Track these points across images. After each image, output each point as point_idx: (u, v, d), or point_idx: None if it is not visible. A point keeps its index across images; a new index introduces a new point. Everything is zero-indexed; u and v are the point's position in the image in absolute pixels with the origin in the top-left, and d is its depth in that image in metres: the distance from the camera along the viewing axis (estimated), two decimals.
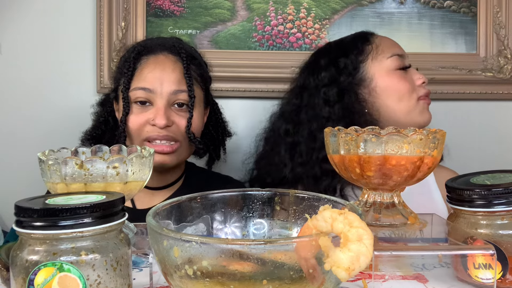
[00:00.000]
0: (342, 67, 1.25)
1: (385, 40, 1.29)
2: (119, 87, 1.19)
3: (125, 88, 1.14)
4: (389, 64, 1.23)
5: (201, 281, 0.47)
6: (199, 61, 1.23)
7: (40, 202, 0.53)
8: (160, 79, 1.13)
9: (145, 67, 1.16)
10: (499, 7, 1.58)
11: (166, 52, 1.18)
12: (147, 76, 1.14)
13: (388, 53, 1.24)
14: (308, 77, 1.29)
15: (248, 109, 1.58)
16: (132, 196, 0.71)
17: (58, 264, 0.48)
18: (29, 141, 1.56)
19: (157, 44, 1.21)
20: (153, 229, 0.50)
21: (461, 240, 0.66)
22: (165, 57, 1.17)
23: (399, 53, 1.25)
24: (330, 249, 0.46)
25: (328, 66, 1.27)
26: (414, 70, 1.26)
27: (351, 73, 1.24)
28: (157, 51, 1.19)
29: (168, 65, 1.15)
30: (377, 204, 0.76)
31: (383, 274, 0.69)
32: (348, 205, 0.57)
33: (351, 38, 1.32)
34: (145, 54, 1.18)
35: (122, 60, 1.23)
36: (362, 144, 0.71)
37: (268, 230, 0.66)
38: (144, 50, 1.18)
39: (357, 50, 1.26)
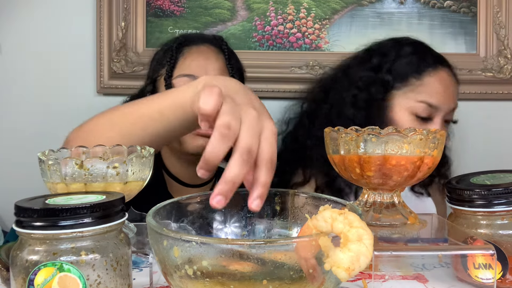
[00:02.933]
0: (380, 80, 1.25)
1: (434, 85, 1.22)
2: (158, 79, 1.20)
3: (167, 76, 1.14)
4: (413, 106, 1.20)
5: (201, 281, 0.47)
6: (237, 57, 1.26)
7: (40, 202, 0.53)
8: (204, 67, 1.14)
9: (188, 56, 1.17)
10: (499, 7, 1.58)
11: (208, 44, 1.20)
12: (191, 64, 1.15)
13: (422, 97, 1.20)
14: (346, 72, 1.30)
15: None
16: (132, 196, 0.71)
17: (58, 264, 0.48)
18: (29, 141, 1.56)
19: (198, 36, 1.25)
20: (153, 229, 0.50)
21: (461, 240, 0.66)
22: (207, 47, 1.19)
23: (433, 103, 1.20)
24: (330, 249, 0.46)
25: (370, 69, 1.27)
26: (438, 123, 1.20)
27: (382, 90, 1.24)
28: (199, 42, 1.21)
29: (211, 54, 1.17)
30: (377, 204, 0.76)
31: (383, 274, 0.69)
32: (348, 205, 0.57)
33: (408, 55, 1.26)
34: (187, 44, 1.20)
35: (161, 53, 1.24)
36: (362, 144, 0.71)
37: (268, 230, 0.66)
38: (186, 41, 1.21)
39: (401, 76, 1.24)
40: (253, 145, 0.56)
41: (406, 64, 1.25)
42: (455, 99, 1.24)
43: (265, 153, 0.56)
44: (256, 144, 0.56)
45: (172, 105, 0.75)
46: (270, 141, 0.58)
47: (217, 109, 0.57)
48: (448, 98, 1.22)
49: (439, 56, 1.28)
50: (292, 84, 1.58)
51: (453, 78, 1.25)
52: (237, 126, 0.56)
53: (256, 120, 0.58)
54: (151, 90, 1.22)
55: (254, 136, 0.56)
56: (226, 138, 0.55)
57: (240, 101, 0.60)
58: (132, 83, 1.53)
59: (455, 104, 1.24)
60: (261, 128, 0.58)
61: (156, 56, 1.26)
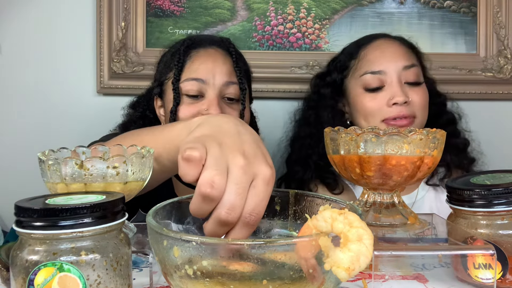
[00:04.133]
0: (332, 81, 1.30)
1: (370, 54, 1.24)
2: (165, 81, 1.20)
3: (175, 80, 1.14)
4: (361, 83, 1.23)
5: (201, 281, 0.47)
6: (244, 59, 1.25)
7: (40, 202, 0.53)
8: (212, 70, 1.14)
9: (195, 59, 1.17)
10: (499, 7, 1.59)
11: (215, 46, 1.20)
12: (199, 67, 1.15)
13: (363, 69, 1.23)
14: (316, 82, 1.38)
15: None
16: (132, 196, 0.71)
17: (58, 264, 0.48)
18: (29, 141, 1.56)
19: (206, 38, 1.24)
20: (153, 229, 0.50)
21: (461, 240, 0.66)
22: (214, 50, 1.19)
23: (374, 69, 1.20)
24: (330, 249, 0.46)
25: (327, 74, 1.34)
26: (397, 88, 1.18)
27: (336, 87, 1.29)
28: (206, 45, 1.20)
29: (219, 57, 1.17)
30: (377, 204, 0.76)
31: (383, 274, 0.69)
32: (348, 205, 0.57)
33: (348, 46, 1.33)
34: (194, 47, 1.19)
35: (169, 55, 1.23)
36: (362, 144, 0.71)
37: (268, 230, 0.66)
38: (193, 43, 1.20)
39: (342, 65, 1.29)
40: (237, 205, 0.52)
41: (346, 53, 1.31)
42: (403, 57, 1.21)
43: (246, 207, 0.52)
44: (241, 202, 0.52)
45: (168, 147, 0.74)
46: (258, 190, 0.53)
47: (196, 177, 0.53)
48: (390, 58, 1.21)
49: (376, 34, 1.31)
50: (292, 84, 1.58)
51: (392, 41, 1.25)
52: (222, 182, 0.52)
53: (243, 171, 0.53)
54: (158, 93, 1.22)
55: (238, 193, 0.52)
56: (209, 199, 0.52)
57: (230, 146, 0.55)
58: (132, 83, 1.53)
59: (405, 61, 1.21)
60: (252, 177, 0.53)
61: (164, 58, 1.26)
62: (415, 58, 1.25)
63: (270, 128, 1.60)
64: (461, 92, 1.60)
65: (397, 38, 1.27)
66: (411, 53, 1.25)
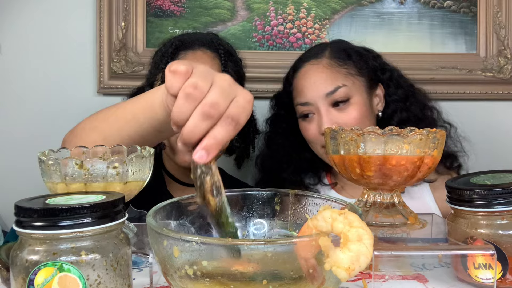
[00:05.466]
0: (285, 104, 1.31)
1: (297, 84, 1.23)
2: (155, 83, 1.19)
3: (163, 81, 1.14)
4: (297, 112, 1.23)
5: (201, 281, 0.47)
6: (235, 58, 1.25)
7: (40, 202, 0.53)
8: None
9: None
10: (499, 7, 1.58)
11: (204, 48, 1.19)
12: None
13: (296, 100, 1.23)
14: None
15: None
16: (132, 196, 0.71)
17: (58, 264, 0.48)
18: (29, 141, 1.56)
19: (195, 39, 1.22)
20: (153, 229, 0.50)
21: (461, 240, 0.66)
22: (203, 53, 1.18)
23: (302, 101, 1.20)
24: (330, 249, 0.46)
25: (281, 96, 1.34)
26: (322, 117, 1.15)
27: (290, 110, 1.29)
28: (195, 47, 1.19)
29: (206, 61, 1.16)
30: (377, 204, 0.76)
31: (383, 274, 0.69)
32: (348, 205, 0.57)
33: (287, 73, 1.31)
34: (183, 49, 1.18)
35: (159, 55, 1.23)
36: (362, 144, 0.71)
37: (268, 230, 0.66)
38: (182, 45, 1.19)
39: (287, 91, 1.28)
40: (220, 102, 0.53)
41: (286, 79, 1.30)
42: (325, 83, 1.17)
43: (229, 111, 0.54)
44: (225, 103, 0.54)
45: (143, 106, 0.75)
46: (241, 104, 0.55)
47: (181, 84, 0.55)
48: (312, 88, 1.18)
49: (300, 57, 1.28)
50: None
51: (316, 66, 1.20)
52: (206, 86, 0.54)
53: (228, 84, 0.56)
54: None
55: (222, 95, 0.54)
56: (191, 98, 0.53)
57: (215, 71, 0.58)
58: (132, 83, 1.53)
59: (328, 87, 1.16)
60: (234, 94, 0.55)
61: (154, 58, 1.26)
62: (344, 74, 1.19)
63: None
64: (461, 92, 1.60)
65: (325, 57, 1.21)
66: (338, 72, 1.19)
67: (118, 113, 0.80)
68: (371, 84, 1.23)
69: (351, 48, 1.26)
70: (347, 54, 1.22)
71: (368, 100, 1.21)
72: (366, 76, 1.22)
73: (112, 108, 0.83)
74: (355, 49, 1.26)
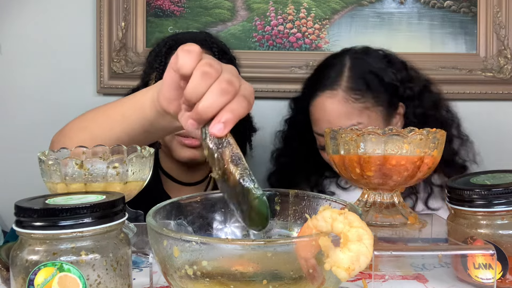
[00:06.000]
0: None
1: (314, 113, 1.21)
2: (149, 82, 1.20)
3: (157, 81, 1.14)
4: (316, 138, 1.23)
5: (201, 281, 0.47)
6: (230, 56, 1.25)
7: (40, 202, 0.53)
8: None
9: None
10: (499, 7, 1.59)
11: None
12: None
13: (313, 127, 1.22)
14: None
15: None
16: (132, 196, 0.71)
17: (58, 264, 0.48)
18: (29, 141, 1.56)
19: (188, 38, 1.22)
20: (153, 229, 0.50)
21: (461, 240, 0.66)
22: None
23: (318, 131, 1.19)
24: (330, 249, 0.46)
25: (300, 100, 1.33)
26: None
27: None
28: None
29: None
30: (377, 204, 0.76)
31: (383, 274, 0.69)
32: (348, 205, 0.57)
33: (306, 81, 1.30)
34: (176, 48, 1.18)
35: (153, 55, 1.23)
36: (362, 144, 0.71)
37: (268, 230, 0.66)
38: (176, 44, 1.19)
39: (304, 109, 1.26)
40: (235, 81, 0.56)
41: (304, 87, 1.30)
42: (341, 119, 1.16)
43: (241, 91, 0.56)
44: (237, 81, 0.56)
45: (133, 106, 0.76)
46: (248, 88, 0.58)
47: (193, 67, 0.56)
48: (328, 122, 1.16)
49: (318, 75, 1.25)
50: (292, 84, 1.58)
51: (333, 97, 1.17)
52: (219, 68, 0.56)
53: (235, 71, 0.59)
54: None
55: (234, 77, 0.56)
56: (208, 75, 0.54)
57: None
58: (132, 83, 1.53)
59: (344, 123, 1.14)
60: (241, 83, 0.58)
61: (148, 58, 1.26)
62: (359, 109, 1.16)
63: (270, 128, 1.60)
64: (461, 92, 1.60)
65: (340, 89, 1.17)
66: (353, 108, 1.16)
67: (107, 113, 0.80)
68: (390, 109, 1.20)
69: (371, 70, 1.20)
70: (365, 82, 1.17)
71: (386, 125, 1.18)
72: (385, 102, 1.18)
73: (101, 108, 0.83)
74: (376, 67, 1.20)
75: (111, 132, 0.78)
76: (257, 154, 1.47)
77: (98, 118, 0.81)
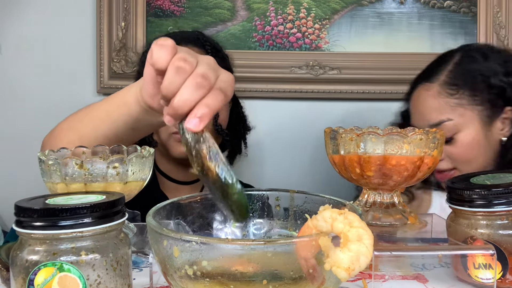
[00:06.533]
0: None
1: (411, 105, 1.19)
2: None
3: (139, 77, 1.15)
4: None
5: (201, 281, 0.47)
6: (222, 54, 1.25)
7: (40, 202, 0.53)
8: None
9: None
10: (499, 7, 1.58)
11: (190, 45, 1.19)
12: None
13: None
14: None
15: (247, 109, 1.58)
16: (132, 196, 0.71)
17: (58, 264, 0.48)
18: (29, 141, 1.55)
19: (181, 37, 1.22)
20: (153, 229, 0.50)
21: (461, 240, 0.66)
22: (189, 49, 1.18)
23: (412, 125, 1.14)
24: (330, 249, 0.46)
25: None
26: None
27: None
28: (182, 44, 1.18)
29: None
30: (377, 204, 0.76)
31: (383, 274, 0.69)
32: (348, 205, 0.57)
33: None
34: None
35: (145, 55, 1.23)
36: (362, 144, 0.71)
37: (268, 230, 0.66)
38: None
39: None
40: (210, 75, 0.55)
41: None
42: (431, 114, 1.13)
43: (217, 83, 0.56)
44: (213, 76, 0.56)
45: (118, 104, 0.76)
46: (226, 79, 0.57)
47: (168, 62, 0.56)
48: (419, 115, 1.15)
49: (424, 69, 1.22)
50: (292, 84, 1.58)
51: (428, 91, 1.15)
52: (194, 61, 0.56)
53: (213, 62, 0.59)
54: None
55: (210, 70, 0.56)
56: (182, 70, 0.54)
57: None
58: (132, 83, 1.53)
59: (432, 119, 1.12)
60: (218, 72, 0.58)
61: (142, 58, 1.26)
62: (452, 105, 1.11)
63: (270, 128, 1.60)
64: None
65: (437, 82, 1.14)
66: (445, 103, 1.12)
67: (93, 113, 0.81)
68: (492, 112, 1.13)
69: (478, 68, 1.14)
70: (465, 78, 1.13)
71: (485, 128, 1.12)
72: (487, 103, 1.12)
73: (88, 108, 0.83)
74: (485, 66, 1.14)
75: (96, 130, 0.78)
76: (253, 154, 1.47)
77: (84, 117, 0.82)
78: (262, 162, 1.61)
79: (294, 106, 1.60)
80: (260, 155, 1.60)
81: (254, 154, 1.56)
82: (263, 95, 1.58)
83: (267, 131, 1.59)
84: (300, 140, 1.60)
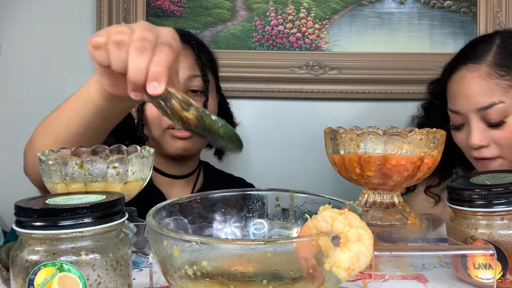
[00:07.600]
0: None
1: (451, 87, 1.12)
2: None
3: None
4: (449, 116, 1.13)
5: (201, 281, 0.47)
6: (207, 50, 1.26)
7: (40, 202, 0.53)
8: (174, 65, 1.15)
9: None
10: (499, 7, 1.58)
11: None
12: None
13: (448, 103, 1.13)
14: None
15: (247, 109, 1.58)
16: (132, 196, 0.71)
17: (58, 264, 0.48)
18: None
19: None
20: (153, 229, 0.50)
21: (461, 240, 0.66)
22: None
23: (452, 108, 1.10)
24: (330, 249, 0.46)
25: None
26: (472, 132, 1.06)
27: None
28: None
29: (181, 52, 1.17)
30: (377, 204, 0.76)
31: (383, 274, 0.69)
32: (348, 205, 0.58)
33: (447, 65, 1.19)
34: None
35: None
36: (362, 144, 0.71)
37: (268, 230, 0.66)
38: None
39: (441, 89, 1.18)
40: (147, 35, 0.56)
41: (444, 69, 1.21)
42: (479, 96, 1.06)
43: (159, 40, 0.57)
44: (152, 36, 0.57)
45: (82, 98, 0.78)
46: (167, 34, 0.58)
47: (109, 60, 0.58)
48: (464, 98, 1.08)
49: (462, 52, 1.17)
50: (292, 84, 1.58)
51: (473, 72, 1.08)
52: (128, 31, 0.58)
53: (148, 24, 0.60)
54: None
55: (147, 31, 0.57)
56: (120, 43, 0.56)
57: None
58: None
59: (481, 101, 1.05)
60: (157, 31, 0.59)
61: None
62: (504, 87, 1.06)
63: (270, 128, 1.60)
64: None
65: (485, 64, 1.08)
66: (496, 84, 1.06)
67: (62, 114, 0.82)
68: None
69: None
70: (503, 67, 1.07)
71: None
72: None
73: (57, 110, 0.85)
74: None
75: (69, 129, 0.79)
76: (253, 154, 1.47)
77: (56, 118, 0.83)
78: (262, 162, 1.61)
79: (294, 106, 1.60)
80: (260, 155, 1.60)
81: (254, 154, 1.57)
82: (263, 95, 1.58)
83: (267, 131, 1.59)
84: (300, 140, 1.60)
